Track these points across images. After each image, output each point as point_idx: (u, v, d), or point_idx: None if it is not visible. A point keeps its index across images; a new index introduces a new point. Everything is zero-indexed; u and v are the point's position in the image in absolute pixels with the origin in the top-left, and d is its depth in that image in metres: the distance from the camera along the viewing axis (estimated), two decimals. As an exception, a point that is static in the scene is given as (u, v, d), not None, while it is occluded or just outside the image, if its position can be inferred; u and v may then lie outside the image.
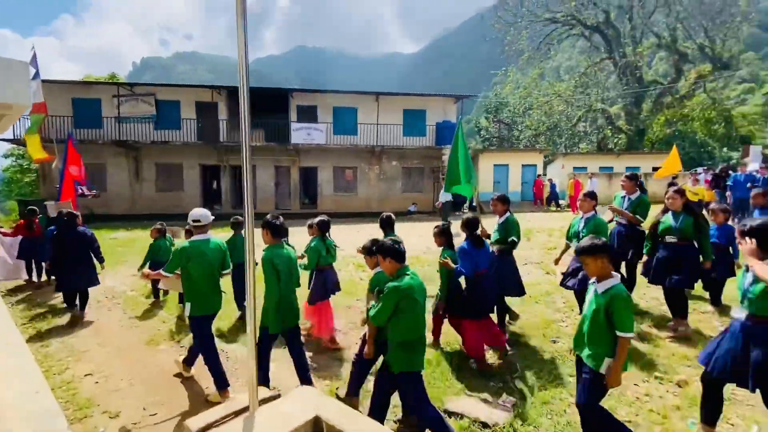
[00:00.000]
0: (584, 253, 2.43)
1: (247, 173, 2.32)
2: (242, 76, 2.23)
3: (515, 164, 20.30)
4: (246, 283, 2.29)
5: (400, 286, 2.53)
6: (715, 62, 29.08)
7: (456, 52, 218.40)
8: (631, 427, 2.91)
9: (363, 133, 18.87)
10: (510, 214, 4.40)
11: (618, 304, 2.29)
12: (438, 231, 4.02)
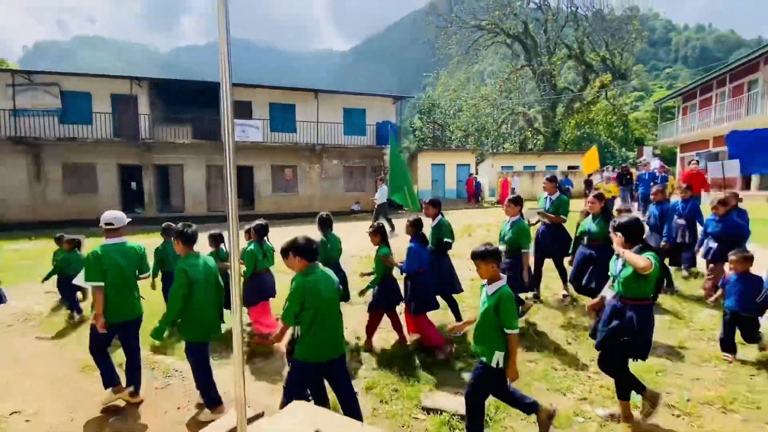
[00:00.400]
0: (476, 257, 2.67)
1: (231, 176, 2.15)
2: (223, 68, 2.06)
3: (451, 163, 21.30)
4: (231, 294, 2.14)
5: (305, 284, 2.61)
6: (615, 73, 33.23)
7: (388, 52, 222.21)
8: (587, 403, 3.26)
9: (302, 130, 18.40)
10: (442, 217, 4.55)
11: (504, 304, 2.52)
12: (373, 230, 4.17)
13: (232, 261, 2.16)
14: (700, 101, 22.61)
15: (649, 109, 40.82)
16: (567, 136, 35.22)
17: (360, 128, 19.72)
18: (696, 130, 21.95)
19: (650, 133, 36.76)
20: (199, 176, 17.58)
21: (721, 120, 19.41)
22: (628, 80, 37.12)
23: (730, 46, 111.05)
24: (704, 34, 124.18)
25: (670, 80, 79.60)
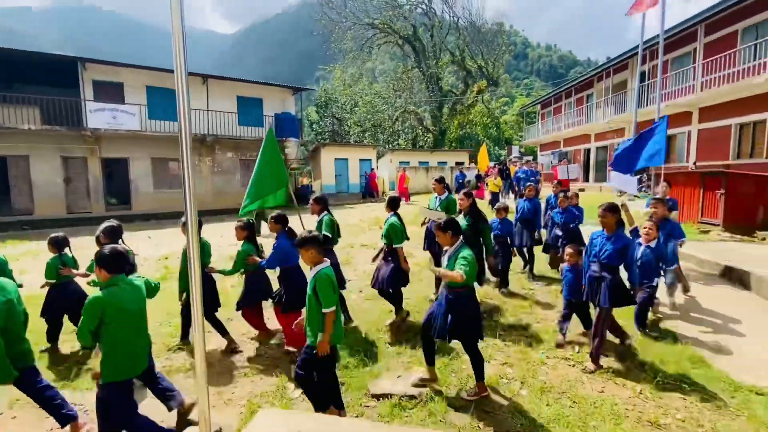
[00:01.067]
0: (298, 245, 2.86)
1: (188, 170, 2.00)
2: (177, 50, 1.88)
3: (353, 158, 21.62)
4: (191, 305, 1.94)
5: (101, 297, 2.38)
6: (489, 80, 37.74)
7: (277, 40, 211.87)
8: (508, 366, 3.81)
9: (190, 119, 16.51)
10: (326, 214, 4.62)
11: (320, 285, 2.69)
12: (241, 225, 4.23)
13: (192, 266, 1.97)
14: (554, 108, 27.25)
15: (515, 113, 47.49)
16: (452, 135, 38.81)
17: (257, 119, 18.59)
18: (551, 132, 26.43)
19: (516, 134, 42.86)
20: (51, 169, 14.42)
21: (569, 125, 23.77)
22: (499, 87, 42.63)
23: (569, 63, 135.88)
24: (551, 52, 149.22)
25: (528, 89, 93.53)
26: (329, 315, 2.69)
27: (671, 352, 3.84)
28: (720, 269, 5.67)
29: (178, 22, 1.82)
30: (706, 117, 13.92)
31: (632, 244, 3.71)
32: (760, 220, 7.85)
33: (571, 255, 4.16)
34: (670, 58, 15.44)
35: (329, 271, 2.80)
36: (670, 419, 2.96)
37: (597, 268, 3.65)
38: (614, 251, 3.54)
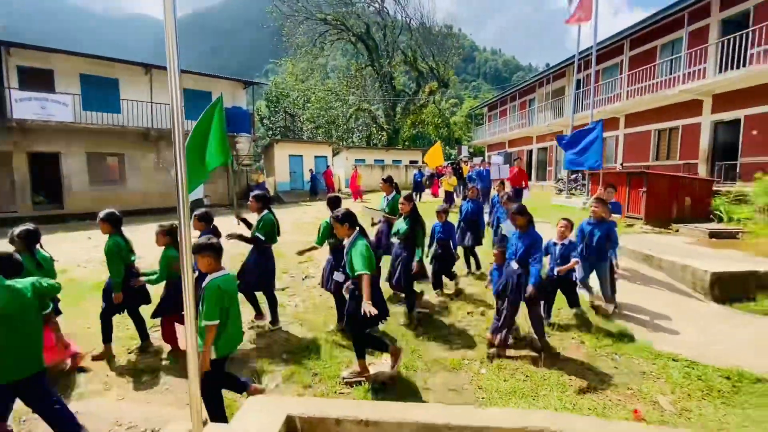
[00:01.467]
0: (193, 252, 2.62)
1: (181, 164, 2.07)
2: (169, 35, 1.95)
3: (308, 155, 21.37)
4: (185, 300, 2.01)
5: None
6: (440, 81, 38.93)
7: (222, 30, 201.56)
8: (469, 350, 4.15)
9: (130, 111, 15.42)
10: (266, 213, 4.50)
11: (207, 295, 2.59)
12: (163, 230, 3.88)
13: (185, 264, 2.03)
14: (499, 111, 28.80)
15: (463, 114, 49.40)
16: (405, 133, 39.55)
17: (201, 112, 17.72)
18: (497, 134, 27.94)
19: (465, 134, 44.64)
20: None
21: (513, 127, 25.30)
22: (449, 89, 44.13)
23: (513, 68, 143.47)
24: (497, 56, 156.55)
25: (476, 92, 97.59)
26: (209, 328, 2.57)
27: (606, 330, 4.42)
28: (642, 256, 6.52)
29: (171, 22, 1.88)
30: (631, 123, 15.58)
31: (539, 241, 3.87)
32: (674, 214, 9.04)
33: (496, 255, 4.27)
34: (601, 68, 17.04)
35: (222, 282, 2.67)
36: (605, 385, 3.45)
37: (515, 266, 3.89)
38: (524, 249, 3.82)
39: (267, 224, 4.45)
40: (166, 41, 1.87)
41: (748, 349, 3.97)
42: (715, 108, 12.06)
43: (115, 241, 3.83)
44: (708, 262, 5.63)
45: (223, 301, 2.64)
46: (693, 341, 4.16)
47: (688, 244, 7.20)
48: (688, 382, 3.44)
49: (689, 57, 12.58)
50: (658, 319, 4.72)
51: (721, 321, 4.67)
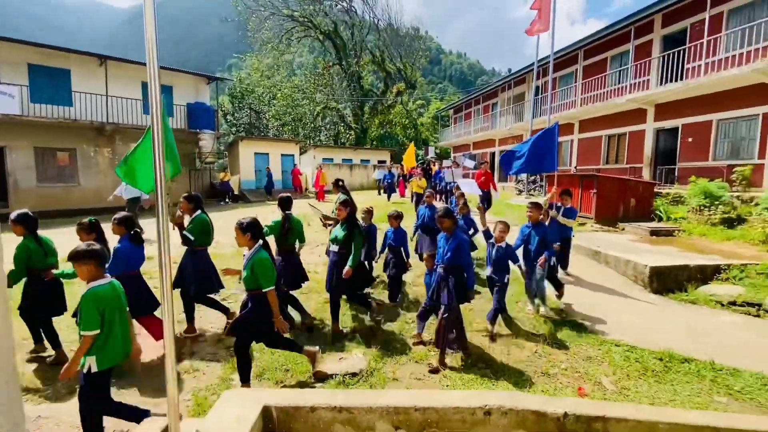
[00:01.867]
0: (70, 259, 2.56)
1: (160, 157, 2.12)
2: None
3: (275, 153, 21.03)
4: (163, 292, 2.06)
5: None
6: (407, 83, 39.46)
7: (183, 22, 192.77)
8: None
9: (83, 105, 14.56)
10: (199, 213, 4.36)
11: (82, 305, 2.45)
12: (82, 227, 3.76)
13: (163, 259, 2.08)
14: (464, 114, 29.65)
15: (430, 116, 50.32)
16: (373, 133, 39.76)
17: (166, 108, 17.02)
18: (462, 136, 28.76)
19: (432, 135, 45.52)
20: None
21: (477, 130, 26.15)
22: (416, 90, 44.82)
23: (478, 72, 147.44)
24: (462, 60, 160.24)
25: (442, 94, 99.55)
26: (85, 338, 2.42)
27: (559, 321, 4.81)
28: (591, 252, 7.07)
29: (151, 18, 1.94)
30: (584, 128, 16.63)
31: (464, 243, 3.83)
32: (621, 213, 9.81)
33: (426, 260, 4.29)
34: (558, 76, 18.03)
35: (102, 291, 2.50)
36: (557, 369, 3.79)
37: (441, 270, 3.86)
38: (451, 252, 3.77)
39: (198, 225, 4.32)
40: (146, 38, 1.92)
41: (679, 334, 4.48)
42: (657, 116, 13.16)
43: (24, 245, 3.70)
44: (647, 257, 6.22)
45: (104, 311, 2.46)
46: (633, 328, 4.63)
47: (631, 241, 7.87)
48: (627, 365, 3.85)
49: (635, 69, 13.64)
50: (604, 309, 5.17)
51: (657, 310, 5.20)
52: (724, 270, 5.83)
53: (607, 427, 2.28)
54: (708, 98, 11.37)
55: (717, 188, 8.81)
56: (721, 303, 5.26)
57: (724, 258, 6.25)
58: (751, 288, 5.38)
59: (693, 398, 3.31)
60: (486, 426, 2.27)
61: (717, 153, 11.37)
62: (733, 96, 10.71)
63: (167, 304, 2.08)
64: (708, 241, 7.70)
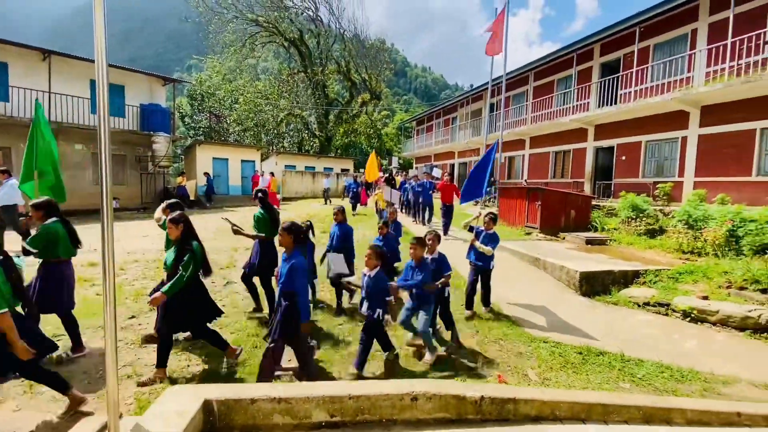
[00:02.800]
0: None
1: (106, 159, 2.21)
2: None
3: (235, 159, 20.63)
4: (104, 289, 2.15)
5: None
6: (372, 93, 40.09)
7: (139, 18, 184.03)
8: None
9: (21, 101, 13.63)
10: (52, 222, 3.86)
11: None
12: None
13: (105, 255, 2.17)
14: (426, 126, 30.60)
15: (394, 126, 51.33)
16: (337, 142, 39.90)
17: (117, 108, 16.32)
18: (424, 147, 29.64)
19: (396, 146, 46.40)
20: None
21: (438, 142, 27.07)
22: (381, 101, 45.61)
23: (441, 86, 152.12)
24: (427, 74, 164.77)
25: (407, 105, 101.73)
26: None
27: (496, 320, 5.21)
28: (532, 259, 7.65)
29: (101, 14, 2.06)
30: (534, 145, 17.78)
31: (299, 265, 3.40)
32: (563, 224, 10.62)
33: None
34: (511, 95, 19.21)
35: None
36: (491, 364, 4.14)
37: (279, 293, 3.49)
38: (284, 275, 3.41)
39: (42, 235, 3.80)
40: (95, 36, 2.03)
41: (598, 331, 5.01)
42: (597, 136, 14.39)
43: None
44: (579, 263, 6.85)
45: None
46: (561, 327, 5.12)
47: (569, 249, 8.57)
48: (552, 359, 4.28)
49: (578, 92, 14.87)
50: (537, 310, 5.66)
51: (584, 310, 5.76)
52: (642, 275, 6.55)
53: (518, 408, 2.60)
54: (638, 121, 12.64)
55: (642, 202, 9.81)
56: (637, 304, 5.92)
57: (644, 264, 7.01)
58: (662, 290, 6.09)
59: (602, 385, 3.76)
60: (413, 410, 2.52)
61: (646, 171, 12.62)
62: (658, 120, 12.00)
63: (109, 306, 2.16)
64: (633, 250, 8.56)
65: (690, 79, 11.17)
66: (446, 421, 2.54)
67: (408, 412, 2.52)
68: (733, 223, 7.42)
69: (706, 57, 10.65)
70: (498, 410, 2.59)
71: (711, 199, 9.45)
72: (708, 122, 10.74)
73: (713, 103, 10.52)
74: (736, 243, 7.28)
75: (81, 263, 6.59)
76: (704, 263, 6.87)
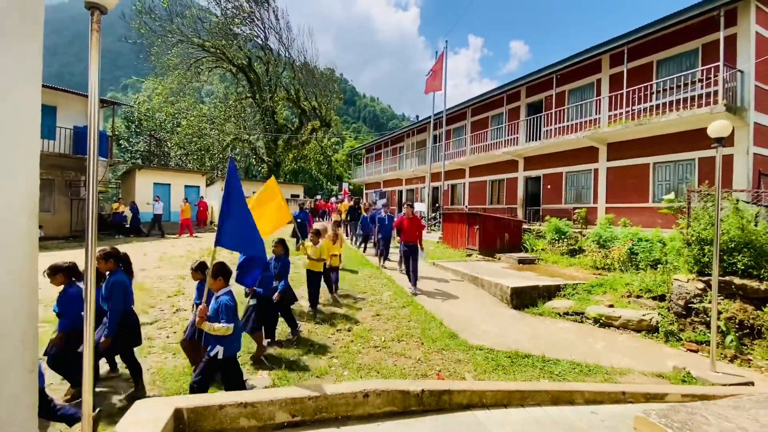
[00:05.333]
0: None
1: (93, 184, 2.45)
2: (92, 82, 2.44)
3: (178, 184, 19.90)
4: (85, 309, 2.35)
5: None
6: (322, 120, 40.89)
7: (68, 29, 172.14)
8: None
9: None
10: None
11: None
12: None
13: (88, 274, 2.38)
14: (375, 155, 31.74)
15: (344, 153, 52.33)
16: (287, 167, 39.80)
17: (47, 130, 15.28)
18: (374, 174, 30.61)
19: (346, 172, 47.21)
20: None
21: (387, 170, 28.17)
22: (331, 128, 46.58)
23: (389, 116, 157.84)
24: (375, 103, 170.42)
25: (356, 133, 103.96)
26: None
27: (438, 331, 5.76)
28: (471, 278, 8.42)
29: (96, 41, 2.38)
30: (473, 174, 19.32)
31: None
32: (498, 246, 11.70)
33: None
34: (452, 128, 20.84)
35: None
36: (433, 372, 4.63)
37: None
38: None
39: None
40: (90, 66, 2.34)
41: (525, 338, 5.75)
42: (526, 167, 16.09)
43: None
44: (511, 280, 7.71)
45: None
46: (495, 336, 5.78)
47: (503, 268, 9.51)
48: (486, 363, 4.87)
49: (509, 127, 16.62)
50: (475, 322, 6.32)
51: (515, 321, 6.52)
52: (562, 289, 7.54)
53: (452, 398, 3.11)
54: (559, 155, 14.42)
55: (564, 226, 11.18)
56: (558, 314, 6.81)
57: (564, 280, 8.05)
58: (578, 301, 7.07)
59: (526, 382, 4.40)
60: (365, 406, 2.92)
61: (567, 197, 14.32)
62: (575, 154, 13.81)
63: (89, 327, 2.36)
64: (557, 267, 9.71)
65: (598, 120, 13.13)
66: (393, 413, 2.97)
67: (361, 408, 2.92)
68: (632, 243, 8.80)
69: (609, 102, 12.65)
70: (436, 401, 3.07)
71: (618, 222, 11.04)
72: (613, 156, 12.62)
73: (616, 141, 12.43)
74: (635, 259, 8.63)
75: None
76: (612, 277, 8.06)
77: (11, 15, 1.39)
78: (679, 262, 6.63)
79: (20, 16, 1.41)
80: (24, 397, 1.26)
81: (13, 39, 1.41)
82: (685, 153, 10.66)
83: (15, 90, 1.46)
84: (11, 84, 1.41)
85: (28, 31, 1.45)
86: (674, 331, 5.94)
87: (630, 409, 3.42)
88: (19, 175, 1.41)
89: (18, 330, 1.23)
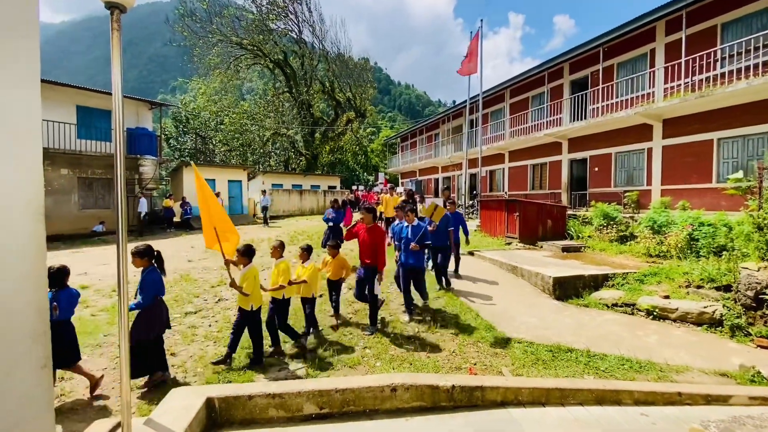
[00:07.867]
0: None
1: (121, 178, 2.52)
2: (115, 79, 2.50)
3: (222, 179, 20.82)
4: (119, 298, 2.45)
5: None
6: (357, 111, 40.93)
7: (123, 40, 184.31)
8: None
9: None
10: None
11: None
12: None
13: (120, 268, 2.48)
14: (410, 143, 31.36)
15: (380, 143, 52.22)
16: (324, 159, 40.41)
17: (103, 133, 16.51)
18: (409, 163, 30.30)
19: (382, 162, 47.12)
20: None
21: (422, 158, 27.76)
22: (366, 119, 46.57)
23: (425, 102, 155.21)
24: (410, 91, 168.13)
25: (392, 122, 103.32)
26: None
27: (474, 322, 5.57)
28: (510, 267, 8.08)
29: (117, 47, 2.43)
30: (513, 158, 18.51)
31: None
32: (540, 234, 11.15)
33: None
34: (490, 111, 20.03)
35: None
36: (469, 364, 4.48)
37: None
38: None
39: None
40: (112, 67, 2.39)
41: (568, 331, 5.42)
42: (571, 149, 15.15)
43: None
44: (553, 269, 7.30)
45: None
46: (534, 328, 5.50)
47: (545, 257, 9.05)
48: (525, 357, 4.64)
49: (551, 108, 15.69)
50: (513, 313, 6.05)
51: (556, 312, 6.17)
52: (611, 278, 7.02)
53: (485, 394, 2.96)
54: (607, 134, 13.42)
55: (612, 211, 10.41)
56: (606, 305, 6.36)
57: (613, 269, 7.50)
58: (629, 292, 6.56)
59: (569, 378, 4.13)
60: (393, 400, 2.86)
61: (617, 180, 13.33)
62: (625, 133, 12.78)
63: (123, 319, 2.47)
64: (605, 255, 9.08)
65: (651, 94, 12.01)
66: (423, 408, 2.88)
67: (388, 402, 2.85)
68: (692, 227, 8.01)
69: (664, 74, 11.52)
70: (467, 397, 2.94)
71: (675, 205, 10.11)
72: (670, 134, 11.53)
73: (673, 117, 11.33)
74: (695, 245, 7.86)
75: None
76: (667, 265, 7.40)
77: (4, 12, 1.39)
78: (749, 248, 5.93)
79: (13, 15, 1.41)
80: (37, 395, 1.29)
81: (7, 38, 1.42)
82: (756, 126, 9.50)
83: (14, 90, 1.48)
84: (7, 84, 1.43)
85: (23, 30, 1.45)
86: (742, 325, 5.34)
87: (687, 411, 3.09)
88: (22, 175, 1.43)
89: (27, 326, 1.26)
